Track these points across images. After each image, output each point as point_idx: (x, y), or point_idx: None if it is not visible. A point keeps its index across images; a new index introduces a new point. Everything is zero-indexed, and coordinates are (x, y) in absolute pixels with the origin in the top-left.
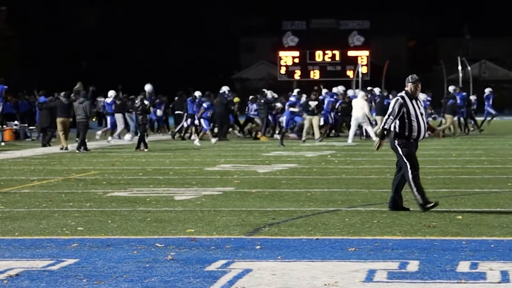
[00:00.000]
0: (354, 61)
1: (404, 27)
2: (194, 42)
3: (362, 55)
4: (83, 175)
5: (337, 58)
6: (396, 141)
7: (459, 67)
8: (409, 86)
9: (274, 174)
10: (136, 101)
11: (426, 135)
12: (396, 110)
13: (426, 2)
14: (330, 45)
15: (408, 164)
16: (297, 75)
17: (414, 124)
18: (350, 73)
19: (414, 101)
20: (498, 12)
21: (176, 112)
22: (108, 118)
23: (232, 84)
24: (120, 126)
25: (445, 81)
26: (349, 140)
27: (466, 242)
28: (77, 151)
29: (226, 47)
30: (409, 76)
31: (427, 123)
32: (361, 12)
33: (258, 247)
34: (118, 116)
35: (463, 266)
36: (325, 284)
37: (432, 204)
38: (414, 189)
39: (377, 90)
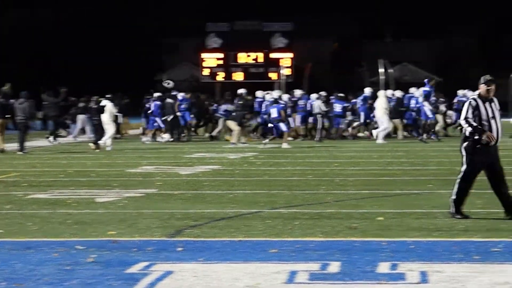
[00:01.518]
0: (277, 63)
1: (327, 29)
2: (117, 43)
3: (286, 57)
4: (3, 177)
5: (261, 60)
6: (464, 145)
7: (381, 70)
8: (481, 88)
9: (197, 175)
10: (91, 103)
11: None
12: (470, 113)
13: (349, 5)
14: (254, 47)
15: (464, 172)
16: (220, 76)
17: (485, 128)
18: (273, 75)
19: (487, 104)
20: (419, 15)
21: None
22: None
23: (154, 85)
24: (79, 127)
25: (367, 83)
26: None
27: (386, 243)
28: (19, 153)
29: (149, 48)
30: (481, 77)
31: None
32: (284, 15)
33: (180, 249)
34: (81, 117)
35: (383, 267)
36: (247, 286)
37: (463, 217)
38: (454, 197)
39: (298, 92)
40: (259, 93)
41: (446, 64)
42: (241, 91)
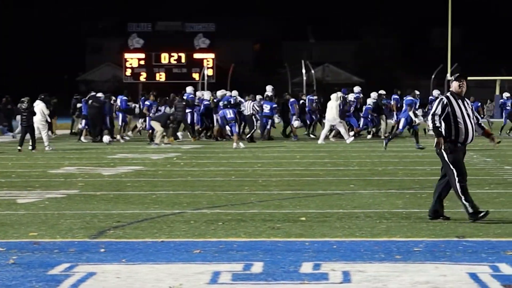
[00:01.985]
0: (200, 63)
1: (249, 30)
2: (39, 43)
3: (208, 58)
4: None
5: (183, 60)
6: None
7: (303, 70)
8: (453, 85)
9: (119, 176)
10: (22, 104)
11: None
12: (440, 110)
13: (271, 6)
14: (176, 47)
15: (455, 171)
16: (143, 77)
17: (461, 126)
18: (196, 76)
19: (460, 101)
20: (341, 17)
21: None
22: None
23: (77, 86)
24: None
25: (289, 84)
26: (320, 140)
27: (309, 243)
28: None
29: (72, 48)
30: (453, 75)
31: (483, 127)
32: (206, 15)
33: (102, 250)
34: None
35: (306, 267)
36: (170, 287)
37: (484, 212)
38: (463, 198)
39: (220, 93)
40: (199, 94)
41: (368, 65)
42: (189, 89)
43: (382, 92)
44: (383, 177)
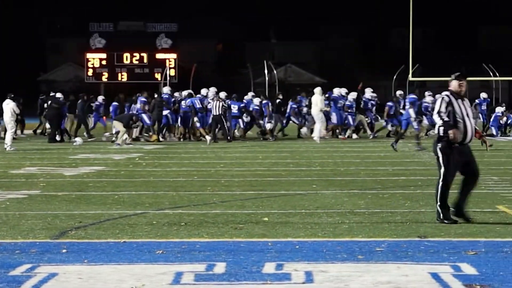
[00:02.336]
0: (162, 63)
1: (212, 30)
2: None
3: (170, 58)
4: None
5: (145, 60)
6: (439, 145)
7: (266, 71)
8: (452, 85)
9: (81, 177)
10: None
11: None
12: (444, 107)
13: (234, 6)
14: (138, 47)
15: (442, 175)
16: (105, 77)
17: (461, 125)
18: (158, 76)
19: (460, 101)
20: (302, 17)
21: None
22: None
23: (37, 86)
24: None
25: (252, 84)
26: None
27: (272, 243)
28: None
29: (32, 48)
30: (452, 74)
31: (476, 129)
32: (169, 15)
33: (64, 250)
34: None
35: (269, 267)
36: (132, 287)
37: (452, 222)
38: (439, 204)
39: (185, 93)
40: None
41: (330, 65)
42: (166, 89)
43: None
44: (345, 177)
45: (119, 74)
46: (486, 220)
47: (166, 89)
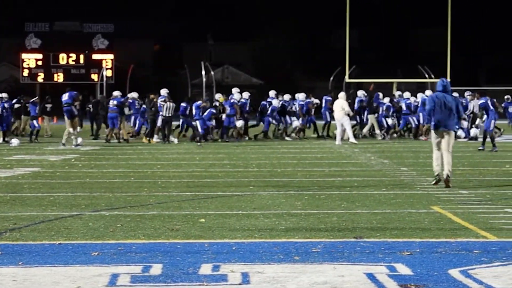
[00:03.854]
0: (98, 64)
1: (149, 31)
2: None
3: (107, 59)
4: None
5: (81, 61)
6: None
7: (203, 72)
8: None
9: (16, 178)
10: None
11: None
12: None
13: (171, 7)
14: (74, 48)
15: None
16: (41, 77)
17: None
18: (94, 77)
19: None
20: (240, 18)
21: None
22: None
23: None
24: None
25: (189, 85)
26: (337, 141)
27: (209, 244)
28: None
29: None
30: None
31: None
32: (105, 16)
33: None
34: None
35: (205, 269)
36: None
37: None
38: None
39: (134, 95)
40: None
41: (267, 66)
42: (164, 92)
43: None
44: (282, 178)
45: (55, 75)
46: (421, 221)
47: (163, 92)
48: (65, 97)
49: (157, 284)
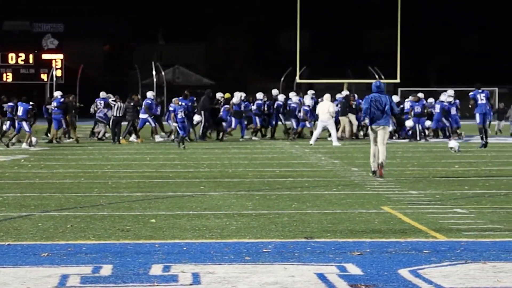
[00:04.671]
0: (48, 64)
1: (99, 31)
2: None
3: (57, 58)
4: None
5: (31, 61)
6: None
7: (153, 72)
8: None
9: None
10: None
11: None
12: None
13: (121, 7)
14: (24, 47)
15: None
16: None
17: None
18: (44, 77)
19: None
20: (190, 19)
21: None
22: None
23: None
24: None
25: (139, 86)
26: (312, 141)
27: (159, 245)
28: None
29: None
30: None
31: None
32: (55, 15)
33: None
34: None
35: (156, 269)
36: None
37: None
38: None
39: (103, 94)
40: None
41: (218, 67)
42: (150, 94)
43: (345, 92)
44: (233, 178)
45: (4, 75)
46: (371, 221)
47: (150, 94)
48: (19, 111)
49: (107, 285)
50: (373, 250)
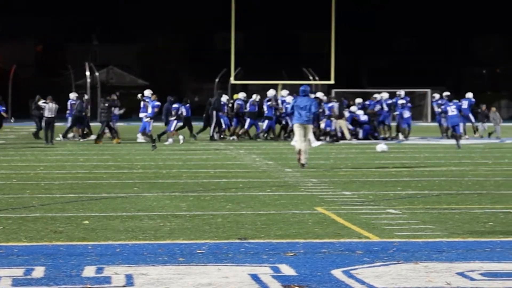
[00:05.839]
0: None
1: (31, 31)
2: None
3: None
4: None
5: None
6: None
7: (87, 73)
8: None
9: None
10: None
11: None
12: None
13: (55, 6)
14: None
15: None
16: None
17: None
18: None
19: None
20: (126, 20)
21: None
22: None
23: None
24: None
25: (73, 86)
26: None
27: (92, 246)
28: None
29: None
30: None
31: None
32: None
33: None
34: None
35: (89, 271)
36: None
37: None
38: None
39: (73, 95)
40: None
41: (153, 67)
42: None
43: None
44: (167, 180)
45: None
46: (305, 222)
47: (147, 92)
48: None
49: (39, 287)
50: (306, 250)
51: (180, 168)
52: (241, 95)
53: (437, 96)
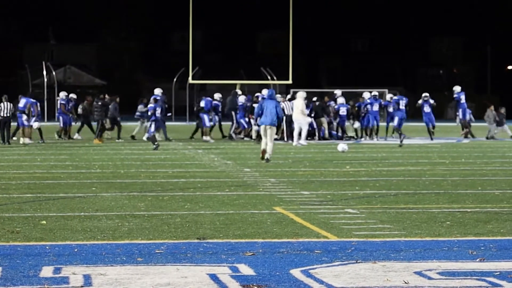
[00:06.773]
0: None
1: None
2: None
3: None
4: None
5: None
6: None
7: (44, 72)
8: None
9: None
10: None
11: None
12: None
13: (11, 5)
14: None
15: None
16: None
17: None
18: None
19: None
20: (82, 19)
21: None
22: None
23: None
24: None
25: (30, 86)
26: (302, 142)
27: (50, 247)
28: None
29: None
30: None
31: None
32: None
33: None
34: None
35: (46, 271)
36: None
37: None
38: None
39: (62, 94)
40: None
41: (110, 67)
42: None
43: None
44: (125, 179)
45: None
46: (264, 221)
47: (157, 91)
48: None
49: None
50: (265, 250)
51: (138, 168)
52: (217, 95)
53: (388, 97)
